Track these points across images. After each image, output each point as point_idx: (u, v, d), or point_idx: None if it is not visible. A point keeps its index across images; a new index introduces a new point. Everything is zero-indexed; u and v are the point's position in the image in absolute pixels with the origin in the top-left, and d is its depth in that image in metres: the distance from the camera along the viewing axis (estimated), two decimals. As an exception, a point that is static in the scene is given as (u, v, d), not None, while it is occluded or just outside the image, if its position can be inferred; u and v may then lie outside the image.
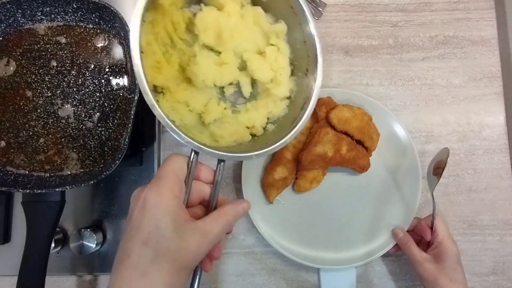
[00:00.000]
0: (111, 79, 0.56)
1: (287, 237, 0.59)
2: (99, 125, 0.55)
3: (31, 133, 0.54)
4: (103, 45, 0.56)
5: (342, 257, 0.59)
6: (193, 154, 0.37)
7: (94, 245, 0.58)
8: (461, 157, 0.63)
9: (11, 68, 0.56)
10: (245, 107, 0.48)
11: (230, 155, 0.38)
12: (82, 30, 0.56)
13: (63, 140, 0.54)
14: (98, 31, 0.56)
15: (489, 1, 0.66)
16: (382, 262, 0.62)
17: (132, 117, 0.49)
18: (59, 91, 0.55)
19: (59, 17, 0.56)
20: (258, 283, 0.61)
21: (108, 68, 0.56)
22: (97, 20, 0.55)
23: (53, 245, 0.57)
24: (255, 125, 0.46)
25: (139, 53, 0.36)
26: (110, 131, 0.55)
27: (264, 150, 0.40)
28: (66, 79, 0.55)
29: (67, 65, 0.56)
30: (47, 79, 0.55)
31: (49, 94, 0.55)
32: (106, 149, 0.54)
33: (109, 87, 0.56)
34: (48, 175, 0.53)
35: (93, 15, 0.55)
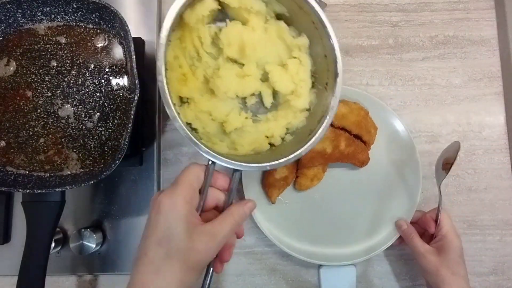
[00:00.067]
0: (111, 79, 0.56)
1: (291, 236, 0.59)
2: (99, 125, 0.55)
3: (31, 133, 0.54)
4: (103, 45, 0.56)
5: (345, 252, 0.59)
6: (210, 163, 0.40)
7: (94, 245, 0.58)
8: (461, 157, 0.63)
9: (11, 68, 0.56)
10: (265, 117, 0.49)
11: (245, 165, 0.41)
12: (82, 30, 0.56)
13: (63, 140, 0.54)
14: (98, 31, 0.56)
15: (489, 1, 0.66)
16: (382, 262, 0.62)
17: (132, 117, 0.49)
18: (59, 91, 0.55)
19: (59, 17, 0.56)
20: (258, 283, 0.61)
21: (108, 68, 0.56)
22: (97, 20, 0.55)
23: (53, 245, 0.57)
24: (274, 135, 0.48)
25: (164, 70, 0.39)
26: (110, 131, 0.55)
27: (278, 161, 0.42)
28: (66, 79, 0.55)
29: (67, 65, 0.56)
30: (47, 79, 0.55)
31: (49, 94, 0.55)
32: (106, 149, 0.54)
33: (109, 87, 0.56)
34: (48, 175, 0.53)
35: (93, 15, 0.55)
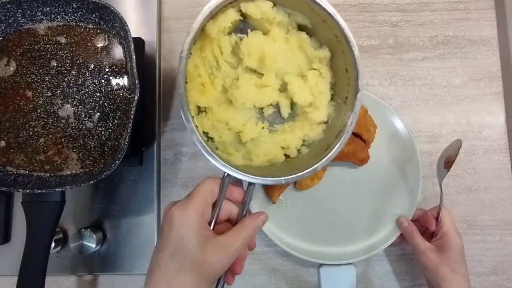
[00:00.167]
0: (111, 79, 0.56)
1: (292, 235, 0.59)
2: (99, 125, 0.55)
3: (31, 133, 0.54)
4: (103, 45, 0.56)
5: (346, 251, 0.59)
6: (225, 175, 0.40)
7: (94, 245, 0.58)
8: (461, 157, 0.63)
9: (11, 68, 0.56)
10: (282, 128, 0.49)
11: (261, 178, 0.41)
12: (82, 30, 0.56)
13: (63, 140, 0.54)
14: (98, 31, 0.56)
15: (489, 1, 0.66)
16: (382, 262, 0.62)
17: (132, 117, 0.49)
18: (59, 91, 0.55)
19: (59, 17, 0.56)
20: (258, 283, 0.61)
21: (108, 68, 0.56)
22: (97, 20, 0.55)
23: (53, 245, 0.57)
24: (290, 146, 0.48)
25: (184, 84, 0.39)
26: (110, 131, 0.55)
27: (293, 176, 0.42)
28: (66, 79, 0.55)
29: (67, 65, 0.56)
30: (47, 79, 0.55)
31: (49, 94, 0.55)
32: (106, 149, 0.54)
33: (109, 87, 0.56)
34: (48, 175, 0.53)
35: (93, 15, 0.55)
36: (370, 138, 0.59)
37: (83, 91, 0.55)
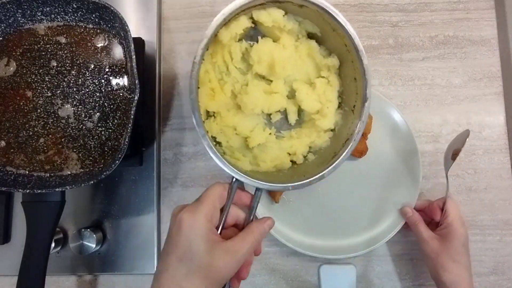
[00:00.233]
0: (111, 79, 0.56)
1: (297, 232, 0.60)
2: (99, 125, 0.55)
3: (31, 133, 0.54)
4: (103, 45, 0.56)
5: (350, 244, 0.59)
6: (234, 181, 0.41)
7: (94, 245, 0.58)
8: (461, 157, 0.63)
9: (11, 68, 0.56)
10: (289, 134, 0.50)
11: (269, 184, 0.41)
12: (82, 30, 0.56)
13: (63, 140, 0.54)
14: (98, 31, 0.56)
15: (489, 1, 0.66)
16: (382, 262, 0.62)
17: (132, 117, 0.50)
18: (59, 91, 0.55)
19: (59, 17, 0.56)
20: (258, 283, 0.61)
21: (108, 68, 0.56)
22: (97, 20, 0.55)
23: (53, 245, 0.57)
24: (296, 153, 0.48)
25: (196, 89, 0.39)
26: (110, 131, 0.55)
27: (301, 182, 0.42)
28: (66, 79, 0.55)
29: (67, 65, 0.56)
30: (47, 79, 0.55)
31: (49, 94, 0.55)
32: (106, 149, 0.54)
33: (109, 87, 0.56)
34: (48, 175, 0.53)
35: (93, 15, 0.55)
36: (367, 129, 0.59)
37: (83, 91, 0.55)
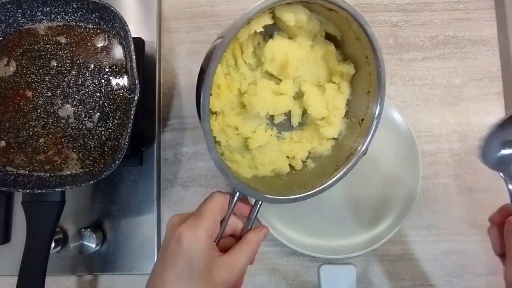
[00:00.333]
0: (111, 79, 0.56)
1: (297, 232, 0.59)
2: (99, 125, 0.55)
3: (31, 133, 0.54)
4: (103, 45, 0.56)
5: (351, 243, 0.59)
6: (235, 192, 0.40)
7: (94, 245, 0.58)
8: (461, 157, 0.63)
9: (11, 68, 0.56)
10: (290, 136, 0.48)
11: (269, 197, 0.40)
12: (82, 30, 0.56)
13: (63, 140, 0.54)
14: (98, 31, 0.56)
15: (489, 1, 0.66)
16: (382, 262, 0.62)
17: (132, 117, 0.50)
18: (59, 91, 0.55)
19: (59, 17, 0.56)
20: (258, 283, 0.61)
21: (108, 68, 0.56)
22: (97, 20, 0.55)
23: (53, 245, 0.57)
24: (295, 157, 0.47)
25: (209, 96, 0.36)
26: (110, 131, 0.55)
27: (302, 195, 0.41)
28: (66, 79, 0.56)
29: (67, 65, 0.56)
30: (47, 79, 0.55)
31: (49, 94, 0.55)
32: (106, 149, 0.54)
33: (109, 87, 0.56)
34: (48, 175, 0.53)
35: (93, 15, 0.55)
36: None
37: (83, 91, 0.55)
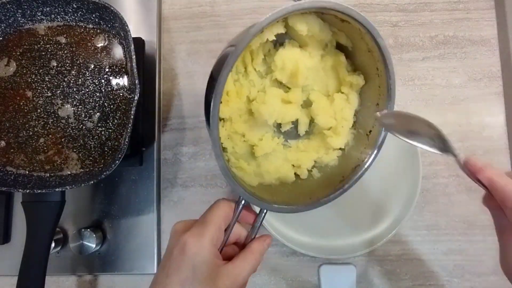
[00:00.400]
0: (111, 79, 0.56)
1: (297, 232, 0.59)
2: (99, 125, 0.55)
3: (31, 133, 0.54)
4: (103, 45, 0.56)
5: (350, 244, 0.59)
6: (241, 200, 0.39)
7: (94, 245, 0.58)
8: (461, 157, 0.63)
9: (11, 68, 0.56)
10: (296, 144, 0.48)
11: (275, 206, 0.40)
12: (82, 30, 0.56)
13: (63, 140, 0.54)
14: (98, 31, 0.56)
15: (489, 1, 0.66)
16: (382, 262, 0.62)
17: (132, 117, 0.50)
18: (59, 91, 0.55)
19: (59, 17, 0.56)
20: (258, 283, 0.61)
21: (108, 68, 0.56)
22: (97, 20, 0.56)
23: (53, 245, 0.57)
24: (301, 166, 0.46)
25: (219, 104, 0.36)
26: (110, 131, 0.55)
27: (308, 205, 0.41)
28: (66, 79, 0.56)
29: (67, 65, 0.56)
30: (47, 79, 0.55)
31: (49, 94, 0.55)
32: (106, 149, 0.54)
33: (109, 87, 0.56)
34: (48, 175, 0.53)
35: (93, 15, 0.55)
36: None
37: (83, 91, 0.55)
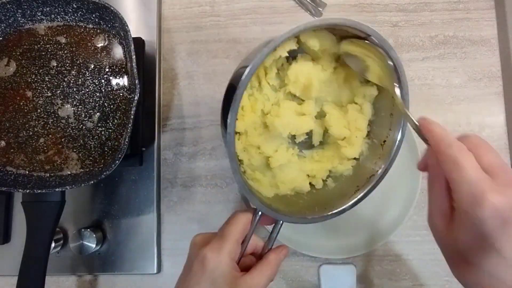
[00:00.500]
0: (111, 79, 0.56)
1: (297, 232, 0.59)
2: (99, 125, 0.55)
3: (31, 133, 0.54)
4: (103, 45, 0.56)
5: (350, 243, 0.59)
6: (257, 212, 0.40)
7: (94, 245, 0.58)
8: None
9: (11, 68, 0.56)
10: (311, 154, 0.48)
11: (289, 217, 0.41)
12: (82, 30, 0.56)
13: (63, 140, 0.54)
14: (98, 31, 0.56)
15: (489, 1, 0.66)
16: (382, 262, 0.62)
17: (132, 117, 0.50)
18: (59, 91, 0.55)
19: (59, 17, 0.56)
20: (258, 283, 0.61)
21: (108, 68, 0.56)
22: (97, 20, 0.56)
23: (53, 245, 0.57)
24: (316, 176, 0.47)
25: (235, 120, 0.35)
26: (110, 131, 0.55)
27: (323, 215, 0.42)
28: (66, 79, 0.56)
29: (67, 65, 0.56)
30: (47, 79, 0.55)
31: (49, 94, 0.55)
32: (106, 149, 0.54)
33: (109, 87, 0.56)
34: (48, 175, 0.54)
35: (93, 15, 0.55)
36: None
37: (83, 91, 0.55)
